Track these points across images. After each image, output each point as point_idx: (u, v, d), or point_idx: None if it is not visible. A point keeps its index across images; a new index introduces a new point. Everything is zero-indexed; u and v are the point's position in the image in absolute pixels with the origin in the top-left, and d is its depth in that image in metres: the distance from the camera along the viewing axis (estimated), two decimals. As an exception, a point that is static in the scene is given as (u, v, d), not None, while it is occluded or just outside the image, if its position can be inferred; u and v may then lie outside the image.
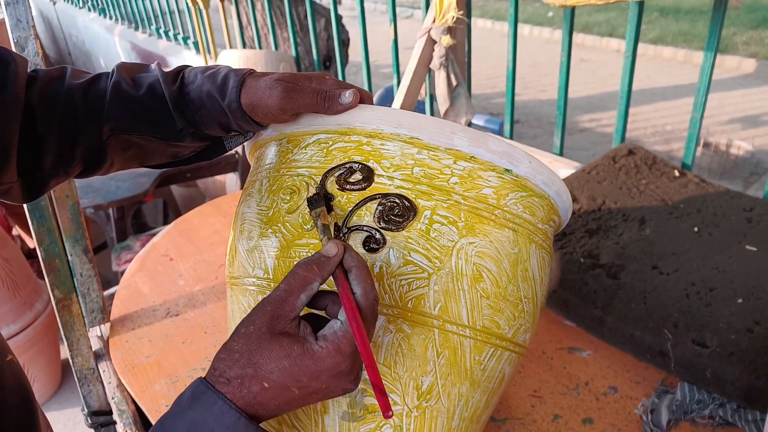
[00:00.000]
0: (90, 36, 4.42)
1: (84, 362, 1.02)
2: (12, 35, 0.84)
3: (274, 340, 0.42)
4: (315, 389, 0.43)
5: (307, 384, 0.42)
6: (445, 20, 1.31)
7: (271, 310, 0.42)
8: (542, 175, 0.55)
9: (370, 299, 0.43)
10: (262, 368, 0.41)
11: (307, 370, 0.41)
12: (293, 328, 0.42)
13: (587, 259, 0.91)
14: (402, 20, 7.61)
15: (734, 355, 0.72)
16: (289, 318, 0.42)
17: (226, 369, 0.42)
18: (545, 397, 0.79)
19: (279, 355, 0.41)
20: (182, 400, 0.42)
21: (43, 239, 0.94)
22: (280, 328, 0.42)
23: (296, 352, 0.41)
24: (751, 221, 0.95)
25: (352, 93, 0.51)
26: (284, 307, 0.42)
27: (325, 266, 0.44)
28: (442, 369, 0.51)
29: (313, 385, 0.42)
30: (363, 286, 0.44)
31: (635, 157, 1.14)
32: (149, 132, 0.55)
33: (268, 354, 0.41)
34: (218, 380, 0.42)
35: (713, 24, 1.02)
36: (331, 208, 0.51)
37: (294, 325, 0.42)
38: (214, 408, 0.40)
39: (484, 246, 0.51)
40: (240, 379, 0.41)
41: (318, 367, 0.41)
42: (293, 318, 0.43)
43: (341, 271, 0.44)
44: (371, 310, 0.43)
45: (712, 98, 4.31)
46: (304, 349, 0.41)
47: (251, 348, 0.42)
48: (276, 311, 0.42)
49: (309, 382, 0.42)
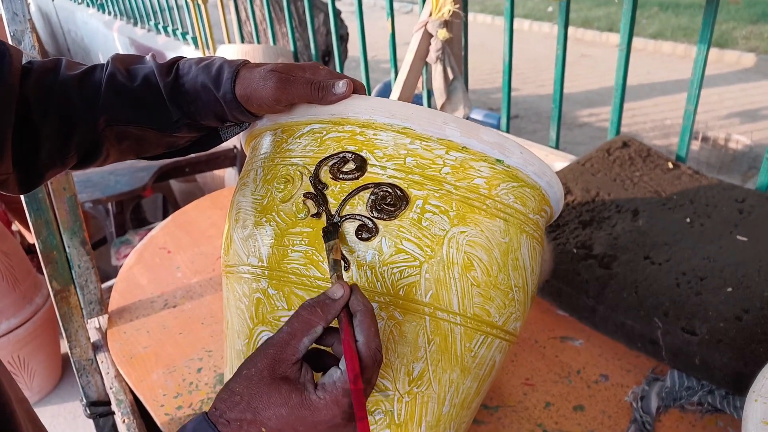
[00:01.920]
0: (89, 31, 4.41)
1: (82, 353, 1.03)
2: (8, 29, 0.85)
3: (273, 386, 0.42)
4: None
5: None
6: (441, 14, 1.32)
7: (273, 353, 0.42)
8: (533, 166, 0.56)
9: (372, 348, 0.43)
10: (261, 414, 0.41)
11: (304, 420, 0.41)
12: (294, 372, 0.42)
13: (580, 250, 0.92)
14: (402, 15, 7.57)
15: (723, 342, 0.73)
16: (291, 362, 0.42)
17: (226, 410, 0.42)
18: (537, 385, 0.80)
19: (277, 402, 0.41)
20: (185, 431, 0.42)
21: (41, 231, 0.95)
22: (281, 372, 0.42)
23: (294, 401, 0.41)
24: (742, 212, 0.96)
25: (345, 83, 0.52)
26: (287, 351, 0.42)
27: (329, 309, 0.44)
28: (433, 355, 0.52)
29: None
30: (366, 333, 0.43)
31: (629, 150, 1.15)
32: (145, 123, 0.55)
33: (267, 400, 0.41)
34: (219, 420, 0.42)
35: (706, 17, 1.02)
36: (322, 202, 0.51)
37: (295, 369, 0.42)
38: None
39: (475, 235, 0.52)
40: (239, 422, 0.41)
41: (315, 418, 0.41)
42: (295, 362, 0.42)
43: (346, 314, 0.44)
44: (372, 359, 0.43)
45: (712, 92, 4.31)
46: (302, 398, 0.41)
47: (251, 392, 0.42)
48: (278, 355, 0.42)
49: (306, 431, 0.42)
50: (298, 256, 0.52)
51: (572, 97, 4.45)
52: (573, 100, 4.42)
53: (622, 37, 1.15)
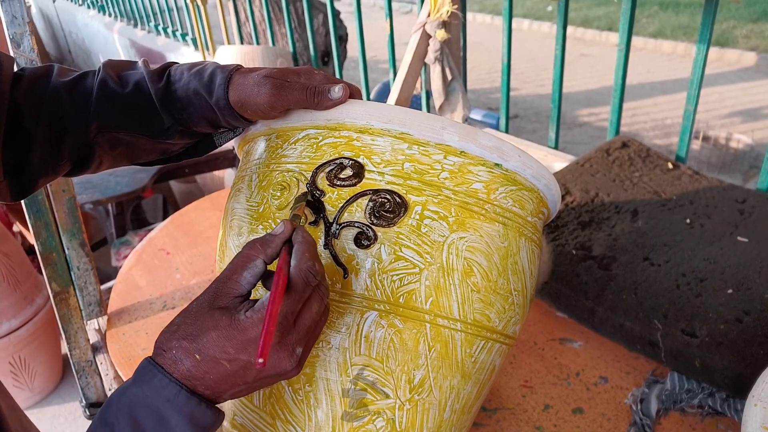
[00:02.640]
0: (89, 33, 4.42)
1: (82, 355, 1.03)
2: (8, 32, 0.85)
3: (209, 314, 0.42)
4: (245, 363, 0.42)
5: (234, 356, 0.41)
6: (439, 14, 1.31)
7: (214, 287, 0.43)
8: (531, 169, 0.56)
9: (303, 270, 0.43)
10: (195, 340, 0.41)
11: (234, 340, 0.41)
12: (234, 304, 0.42)
13: (579, 251, 0.92)
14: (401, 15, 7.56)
15: (723, 344, 0.73)
16: (232, 295, 0.42)
17: (163, 341, 0.42)
18: (536, 387, 0.80)
19: (209, 326, 0.41)
20: (128, 379, 0.42)
21: (40, 233, 0.95)
22: (220, 304, 0.42)
23: (224, 323, 0.41)
24: (743, 213, 0.96)
25: (341, 88, 0.51)
26: (227, 284, 0.43)
27: (269, 244, 0.44)
28: (434, 362, 0.52)
29: (241, 358, 0.41)
30: (299, 258, 0.43)
31: (629, 150, 1.15)
32: (137, 130, 0.55)
33: (200, 325, 0.41)
34: (157, 352, 0.42)
35: (706, 16, 1.02)
36: (319, 209, 0.51)
37: (236, 302, 0.42)
38: (153, 381, 0.41)
39: (474, 240, 0.52)
40: (174, 350, 0.41)
41: (243, 336, 0.41)
42: (236, 296, 0.43)
43: (287, 248, 0.44)
44: (302, 280, 0.43)
45: (712, 92, 4.30)
46: (231, 319, 0.41)
47: (188, 321, 0.42)
48: (219, 288, 0.43)
49: (236, 354, 0.41)
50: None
51: (572, 97, 4.44)
52: (572, 99, 4.42)
53: (621, 37, 1.14)
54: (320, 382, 0.51)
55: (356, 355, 0.50)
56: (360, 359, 0.50)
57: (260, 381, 0.43)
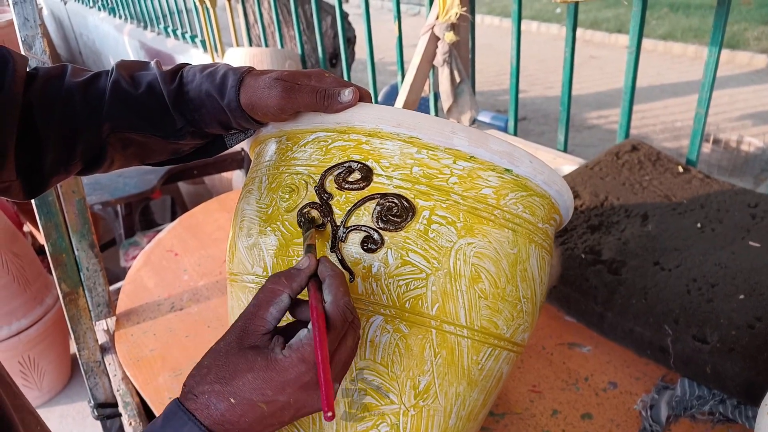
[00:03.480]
0: (100, 35, 4.45)
1: (90, 355, 1.04)
2: (20, 34, 0.85)
3: (240, 354, 0.40)
4: (283, 404, 0.40)
5: (273, 398, 0.40)
6: (448, 17, 1.31)
7: (240, 325, 0.42)
8: (543, 175, 0.55)
9: (340, 306, 0.42)
10: (229, 384, 0.40)
11: (272, 382, 0.40)
12: (264, 342, 0.41)
13: (588, 255, 0.92)
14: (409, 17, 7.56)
15: (734, 351, 0.72)
16: (260, 332, 0.41)
17: (194, 385, 0.41)
18: (544, 392, 0.80)
19: (244, 368, 0.40)
20: (156, 421, 0.41)
21: (50, 234, 0.96)
22: (250, 343, 0.41)
23: (260, 364, 0.40)
24: (755, 217, 0.95)
25: (351, 91, 0.51)
26: (254, 322, 0.42)
27: (294, 278, 0.43)
28: (440, 369, 0.51)
29: (280, 399, 0.40)
30: (334, 293, 0.43)
31: (639, 153, 1.14)
32: (149, 130, 0.55)
33: (234, 368, 0.40)
34: (187, 396, 0.41)
35: (717, 19, 1.01)
36: (327, 212, 0.51)
37: (265, 340, 0.41)
38: (183, 430, 0.39)
39: (482, 246, 0.51)
40: (207, 395, 0.40)
41: (282, 377, 0.40)
42: (264, 332, 0.42)
43: (314, 282, 0.44)
44: (340, 317, 0.42)
45: (723, 94, 4.26)
46: (268, 360, 0.40)
47: (219, 363, 0.41)
48: (246, 326, 0.42)
49: (275, 395, 0.40)
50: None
51: (581, 99, 4.42)
52: (582, 101, 4.39)
53: (631, 39, 1.14)
54: (325, 386, 0.51)
55: (361, 359, 0.50)
56: (365, 363, 0.50)
57: (295, 418, 0.43)
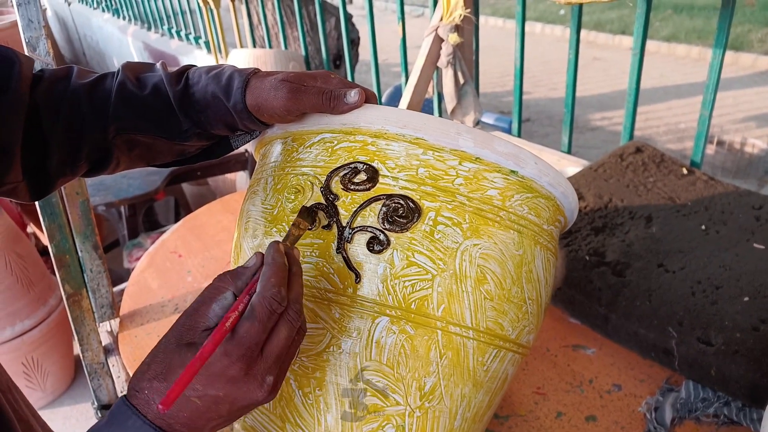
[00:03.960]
0: (104, 36, 4.46)
1: (94, 357, 1.04)
2: (24, 35, 0.86)
3: (176, 351, 0.41)
4: (215, 398, 0.41)
5: (203, 393, 0.40)
6: (452, 18, 1.31)
7: (181, 321, 0.42)
8: (548, 176, 0.55)
9: (266, 297, 0.41)
10: (165, 380, 0.40)
11: (200, 377, 0.40)
12: (201, 338, 0.41)
13: (593, 257, 0.91)
14: (413, 19, 7.57)
15: (739, 353, 0.72)
16: (200, 329, 0.41)
17: (136, 381, 0.41)
18: (549, 394, 0.79)
19: (177, 365, 0.40)
20: (102, 418, 0.41)
21: (54, 235, 0.96)
22: (187, 339, 0.41)
23: (188, 360, 0.40)
24: (759, 219, 0.95)
25: (357, 92, 0.51)
26: (194, 318, 0.42)
27: (239, 276, 0.43)
28: (445, 370, 0.51)
29: (210, 393, 0.40)
30: (263, 284, 0.42)
31: (643, 155, 1.14)
32: (154, 132, 0.55)
33: (169, 365, 0.40)
34: (130, 393, 0.41)
35: (722, 20, 1.01)
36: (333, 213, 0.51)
37: (203, 336, 0.41)
38: (127, 423, 0.40)
39: (488, 248, 0.51)
40: (147, 390, 0.40)
41: (207, 372, 0.40)
42: (204, 329, 0.42)
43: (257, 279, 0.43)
44: (265, 309, 0.41)
45: (727, 96, 4.25)
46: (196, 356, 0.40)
47: (157, 360, 0.41)
48: (186, 322, 0.42)
49: (204, 390, 0.40)
50: (308, 268, 0.51)
51: (584, 101, 4.41)
52: (585, 103, 4.39)
53: (635, 41, 1.13)
54: (330, 387, 0.51)
55: (367, 360, 0.50)
56: (370, 364, 0.50)
57: (235, 413, 0.42)
